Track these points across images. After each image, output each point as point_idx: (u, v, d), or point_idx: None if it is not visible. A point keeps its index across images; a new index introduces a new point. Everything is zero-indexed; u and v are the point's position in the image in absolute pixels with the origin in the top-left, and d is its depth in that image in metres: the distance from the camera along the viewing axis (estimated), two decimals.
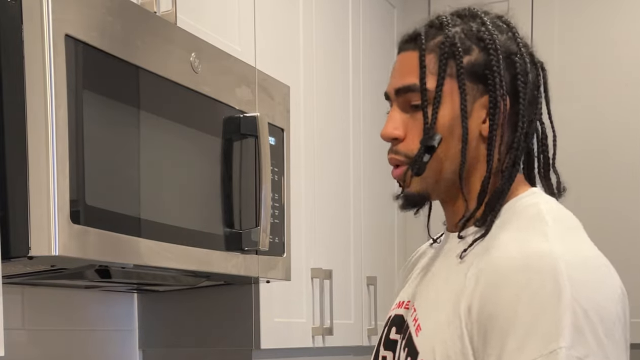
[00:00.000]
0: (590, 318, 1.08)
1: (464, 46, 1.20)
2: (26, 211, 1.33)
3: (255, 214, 1.86)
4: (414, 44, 1.23)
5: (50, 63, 1.32)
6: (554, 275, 1.09)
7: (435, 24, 1.23)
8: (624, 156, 2.88)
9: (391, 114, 1.26)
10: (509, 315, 1.09)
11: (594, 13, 2.93)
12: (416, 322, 1.23)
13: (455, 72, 1.20)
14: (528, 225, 1.18)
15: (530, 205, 1.22)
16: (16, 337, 1.83)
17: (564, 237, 1.15)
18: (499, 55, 1.21)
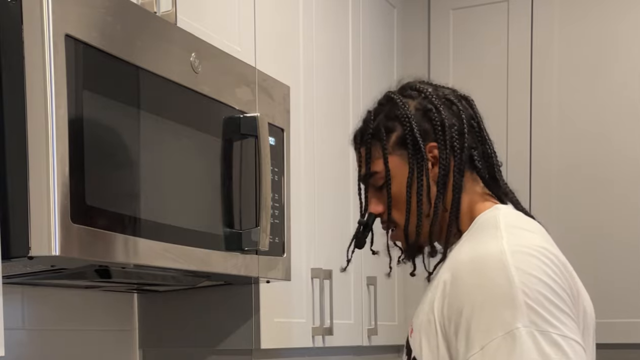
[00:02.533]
0: (541, 297, 1.26)
1: (386, 127, 1.47)
2: (26, 211, 1.33)
3: (255, 214, 1.86)
4: (355, 143, 1.55)
5: (50, 63, 1.32)
6: (502, 267, 1.28)
7: (365, 121, 1.52)
8: (625, 155, 2.88)
9: (369, 196, 1.54)
10: (471, 307, 1.28)
11: (593, 13, 2.93)
12: (412, 331, 1.44)
13: (382, 152, 1.47)
14: (483, 234, 1.38)
15: (488, 218, 1.42)
16: (16, 337, 1.83)
17: (511, 237, 1.34)
18: (411, 122, 1.45)
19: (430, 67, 3.12)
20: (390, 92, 1.52)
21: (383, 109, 1.50)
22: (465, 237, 1.42)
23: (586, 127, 2.92)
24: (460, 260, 1.35)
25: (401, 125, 1.45)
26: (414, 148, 1.44)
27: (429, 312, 1.37)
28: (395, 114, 1.46)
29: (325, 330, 2.44)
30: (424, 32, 3.15)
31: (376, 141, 1.47)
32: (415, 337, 1.40)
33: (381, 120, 1.48)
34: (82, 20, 1.39)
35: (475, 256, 1.33)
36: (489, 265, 1.30)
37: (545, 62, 2.97)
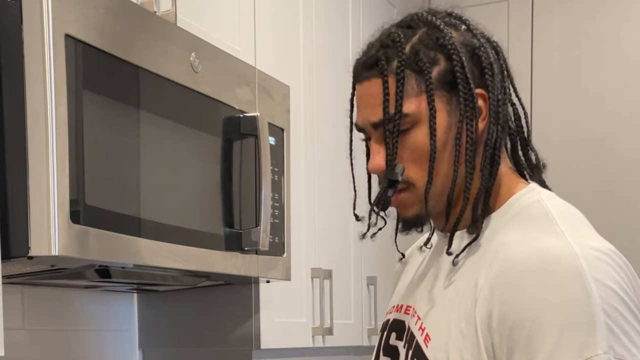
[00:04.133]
0: (619, 316, 1.05)
1: (427, 58, 1.15)
2: (26, 211, 1.33)
3: (255, 214, 1.86)
4: (373, 72, 1.18)
5: (50, 63, 1.32)
6: (578, 277, 1.05)
7: (387, 44, 1.17)
8: (626, 155, 2.88)
9: (373, 146, 1.20)
10: (538, 325, 1.05)
11: (593, 13, 2.93)
12: (423, 332, 1.18)
13: (425, 87, 1.15)
14: (535, 225, 1.14)
15: (532, 203, 1.18)
16: (16, 337, 1.83)
17: (575, 234, 1.12)
18: (461, 57, 1.15)
19: None
20: (422, 13, 1.19)
21: (415, 33, 1.17)
22: (504, 223, 1.17)
23: (586, 127, 2.92)
24: (514, 259, 1.10)
25: (446, 57, 1.15)
26: (465, 90, 1.14)
27: (461, 322, 1.13)
28: (438, 41, 1.15)
29: (325, 330, 2.44)
30: None
31: (414, 72, 1.14)
32: (438, 349, 1.15)
33: (418, 46, 1.15)
34: (82, 20, 1.39)
35: (537, 256, 1.08)
36: (561, 272, 1.06)
37: (545, 62, 2.97)
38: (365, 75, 1.20)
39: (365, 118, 1.19)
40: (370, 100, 1.18)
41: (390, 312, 1.33)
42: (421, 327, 1.19)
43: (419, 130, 1.16)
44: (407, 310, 1.27)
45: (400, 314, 1.29)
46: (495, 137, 1.17)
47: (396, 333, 1.28)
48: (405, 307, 1.28)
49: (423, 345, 1.17)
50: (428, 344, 1.17)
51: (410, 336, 1.22)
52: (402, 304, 1.30)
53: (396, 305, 1.32)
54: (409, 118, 1.15)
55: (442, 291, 1.20)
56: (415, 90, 1.15)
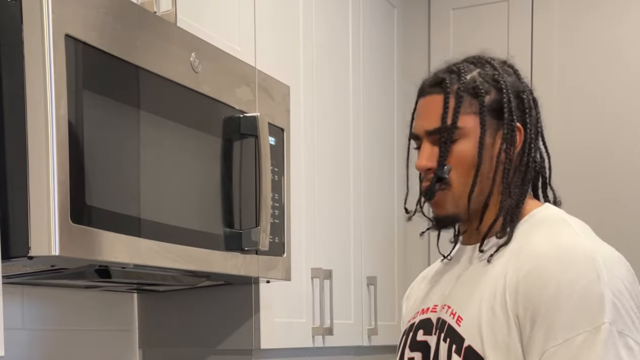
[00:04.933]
0: (623, 300, 1.29)
1: (484, 87, 1.41)
2: (26, 211, 1.33)
3: (255, 214, 1.86)
4: (438, 89, 1.43)
5: (50, 63, 1.32)
6: (591, 263, 1.30)
7: (454, 71, 1.43)
8: (626, 155, 2.88)
9: (423, 148, 1.44)
10: (555, 297, 1.28)
11: (593, 13, 2.93)
12: (454, 315, 1.41)
13: (478, 109, 1.40)
14: (555, 228, 1.39)
15: (552, 214, 1.43)
16: (16, 337, 1.83)
17: (588, 237, 1.38)
18: (509, 94, 1.41)
19: (430, 67, 3.10)
20: (484, 56, 1.48)
21: (475, 68, 1.44)
22: (527, 228, 1.41)
23: (586, 127, 2.92)
24: (540, 251, 1.34)
25: (498, 91, 1.42)
26: (509, 119, 1.41)
27: (492, 300, 1.35)
28: (493, 77, 1.42)
29: (325, 330, 2.44)
30: (424, 32, 3.15)
31: (471, 97, 1.41)
32: (471, 325, 1.37)
33: (477, 77, 1.42)
34: (82, 20, 1.39)
35: (559, 248, 1.33)
36: (578, 259, 1.31)
37: (545, 62, 2.97)
38: (429, 91, 1.45)
39: (422, 126, 1.44)
40: (429, 112, 1.43)
41: (415, 316, 1.53)
42: (452, 313, 1.42)
43: (465, 142, 1.40)
44: (434, 309, 1.48)
45: (427, 314, 1.49)
46: (527, 162, 1.43)
47: (424, 330, 1.48)
48: (432, 306, 1.49)
49: (455, 325, 1.40)
50: (460, 323, 1.39)
51: (442, 323, 1.43)
52: (428, 306, 1.50)
53: (423, 309, 1.51)
54: (460, 131, 1.40)
55: (469, 284, 1.42)
56: (469, 110, 1.40)
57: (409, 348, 1.50)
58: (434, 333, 1.45)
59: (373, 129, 2.85)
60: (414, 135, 1.47)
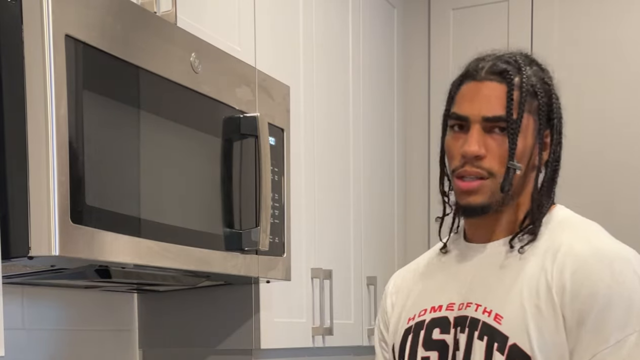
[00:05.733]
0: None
1: (538, 88, 1.44)
2: (26, 211, 1.33)
3: (255, 214, 1.86)
4: (500, 78, 1.41)
5: (50, 63, 1.32)
6: (629, 265, 1.36)
7: (511, 63, 1.43)
8: (626, 155, 2.88)
9: (474, 135, 1.41)
10: (606, 299, 1.32)
11: (593, 13, 2.93)
12: (489, 313, 1.40)
13: (536, 109, 1.43)
14: (582, 229, 1.43)
15: (571, 215, 1.48)
16: (16, 337, 1.83)
17: (611, 238, 1.42)
18: (558, 100, 1.49)
19: (430, 67, 3.12)
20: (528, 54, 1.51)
21: (530, 65, 1.47)
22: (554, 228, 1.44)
23: (587, 127, 2.91)
24: (579, 251, 1.37)
25: (547, 95, 1.47)
26: (558, 125, 1.48)
27: (535, 298, 1.36)
28: (543, 79, 1.47)
29: (325, 330, 2.44)
30: (424, 32, 3.15)
31: (530, 95, 1.43)
32: (515, 323, 1.37)
33: (533, 78, 1.45)
34: (82, 20, 1.39)
35: (597, 249, 1.37)
36: (617, 260, 1.36)
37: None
38: (487, 77, 1.42)
39: (478, 110, 1.41)
40: (489, 99, 1.41)
41: (421, 315, 1.50)
42: (486, 311, 1.40)
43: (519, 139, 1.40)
44: (449, 307, 1.46)
45: (441, 312, 1.47)
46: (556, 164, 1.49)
47: (440, 328, 1.46)
48: (447, 304, 1.47)
49: (494, 323, 1.39)
50: (501, 321, 1.38)
51: (472, 321, 1.42)
52: (438, 304, 1.48)
53: (426, 308, 1.49)
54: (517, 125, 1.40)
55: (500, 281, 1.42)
56: (526, 107, 1.41)
57: (423, 347, 1.48)
58: (460, 331, 1.43)
59: (373, 129, 2.85)
60: (460, 116, 1.43)
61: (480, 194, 1.42)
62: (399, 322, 1.55)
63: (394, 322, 1.56)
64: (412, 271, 1.61)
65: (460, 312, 1.44)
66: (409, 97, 3.11)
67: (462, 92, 1.45)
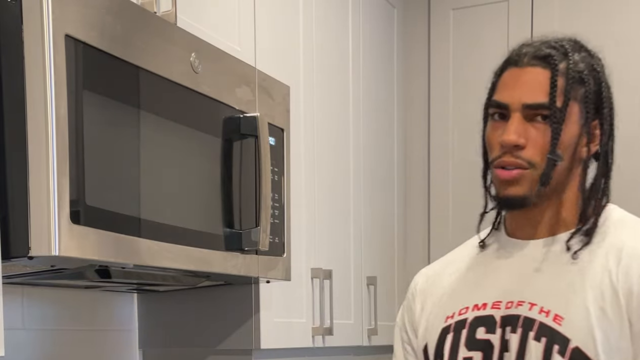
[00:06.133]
0: None
1: (587, 75, 1.36)
2: (26, 211, 1.33)
3: (255, 214, 1.86)
4: (543, 63, 1.34)
5: (50, 63, 1.32)
6: None
7: (557, 48, 1.37)
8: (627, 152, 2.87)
9: (513, 123, 1.34)
10: None
11: (593, 13, 2.93)
12: (547, 313, 1.33)
13: (583, 97, 1.35)
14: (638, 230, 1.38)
15: (626, 215, 1.44)
16: (16, 337, 1.83)
17: None
18: (608, 88, 1.40)
19: (430, 67, 3.12)
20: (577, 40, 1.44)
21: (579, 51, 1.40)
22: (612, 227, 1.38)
23: None
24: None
25: (596, 83, 1.39)
26: (608, 113, 1.41)
27: (600, 300, 1.30)
28: (592, 66, 1.39)
29: (325, 330, 2.44)
30: (424, 32, 3.15)
31: (577, 82, 1.35)
32: (579, 326, 1.31)
33: (581, 64, 1.37)
34: (82, 20, 1.39)
35: None
36: None
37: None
38: (532, 63, 1.35)
39: (519, 98, 1.34)
40: (531, 85, 1.34)
41: (462, 313, 1.42)
42: (543, 311, 1.33)
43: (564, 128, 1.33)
44: (495, 305, 1.39)
45: (485, 310, 1.40)
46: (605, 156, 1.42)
47: (486, 327, 1.39)
48: (492, 302, 1.40)
49: (553, 324, 1.32)
50: (561, 322, 1.32)
51: (526, 321, 1.34)
52: (482, 302, 1.41)
53: (468, 306, 1.42)
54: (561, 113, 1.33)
55: (558, 280, 1.35)
56: (572, 95, 1.34)
57: (466, 347, 1.39)
58: (511, 331, 1.36)
59: (373, 129, 2.85)
60: (500, 104, 1.36)
61: (520, 184, 1.34)
62: (433, 321, 1.46)
63: (426, 322, 1.48)
64: (444, 268, 1.53)
65: (508, 311, 1.37)
66: (409, 97, 3.11)
67: (503, 79, 1.38)
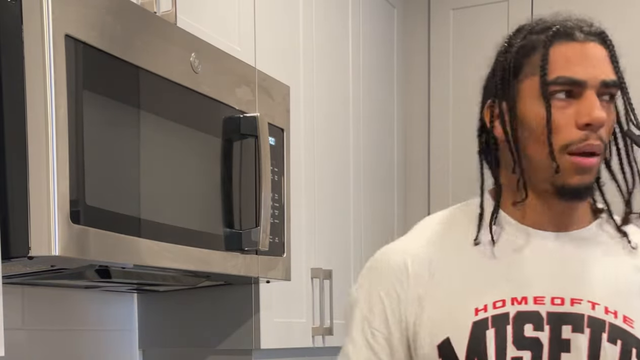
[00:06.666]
0: None
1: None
2: (26, 211, 1.33)
3: (255, 214, 1.86)
4: (599, 39, 1.30)
5: (50, 63, 1.32)
6: None
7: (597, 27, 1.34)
8: None
9: (595, 101, 1.24)
10: None
11: (593, 13, 2.92)
12: (616, 315, 1.24)
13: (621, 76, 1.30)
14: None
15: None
16: (16, 337, 1.83)
17: None
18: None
19: (430, 67, 3.12)
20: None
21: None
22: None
23: None
24: None
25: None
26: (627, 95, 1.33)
27: None
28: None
29: (325, 330, 2.44)
30: (424, 32, 3.15)
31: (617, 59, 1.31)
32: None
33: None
34: (82, 20, 1.39)
35: None
36: None
37: None
38: (590, 39, 1.29)
39: (594, 74, 1.26)
40: (600, 62, 1.28)
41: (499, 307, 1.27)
42: (609, 311, 1.24)
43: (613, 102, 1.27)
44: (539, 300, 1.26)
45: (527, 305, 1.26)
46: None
47: (533, 324, 1.25)
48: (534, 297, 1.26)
49: (625, 326, 1.23)
50: (633, 324, 1.23)
51: (594, 321, 1.24)
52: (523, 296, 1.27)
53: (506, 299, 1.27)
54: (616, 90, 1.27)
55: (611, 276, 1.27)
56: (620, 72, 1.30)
57: (514, 345, 1.24)
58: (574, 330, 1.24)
59: (373, 129, 2.85)
60: (575, 80, 1.24)
61: (594, 172, 1.25)
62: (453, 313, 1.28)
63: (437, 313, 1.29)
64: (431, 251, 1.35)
65: (560, 308, 1.25)
66: (409, 97, 3.11)
67: (561, 53, 1.26)
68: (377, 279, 1.40)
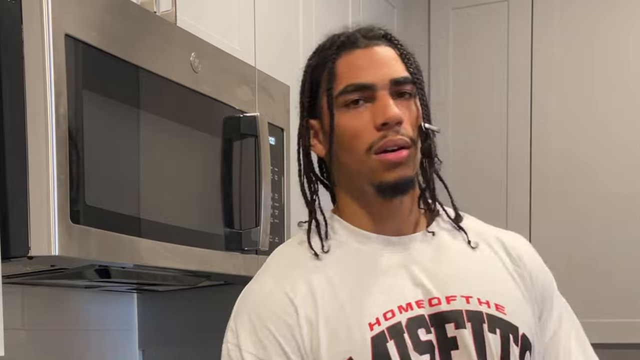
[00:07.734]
0: None
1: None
2: (26, 211, 1.33)
3: (255, 214, 1.86)
4: (385, 41, 1.33)
5: (50, 63, 1.32)
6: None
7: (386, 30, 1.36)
8: (625, 155, 2.88)
9: (388, 100, 1.27)
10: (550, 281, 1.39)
11: (594, 13, 2.93)
12: (488, 304, 1.29)
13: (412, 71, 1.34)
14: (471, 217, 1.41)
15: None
16: (16, 337, 1.83)
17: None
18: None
19: (430, 67, 3.12)
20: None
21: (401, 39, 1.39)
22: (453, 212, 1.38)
23: (586, 127, 2.92)
24: (520, 239, 1.41)
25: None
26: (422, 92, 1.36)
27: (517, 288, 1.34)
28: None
29: None
30: (424, 32, 3.15)
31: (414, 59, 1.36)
32: (518, 312, 1.30)
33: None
34: (82, 20, 1.39)
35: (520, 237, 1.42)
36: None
37: (545, 62, 2.97)
38: (376, 42, 1.32)
39: (383, 75, 1.28)
40: (389, 61, 1.31)
41: (389, 318, 1.28)
42: (481, 302, 1.29)
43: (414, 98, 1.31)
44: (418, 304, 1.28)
45: (413, 311, 1.28)
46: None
47: (425, 329, 1.27)
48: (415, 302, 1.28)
49: (500, 314, 1.29)
50: (506, 311, 1.29)
51: (473, 315, 1.27)
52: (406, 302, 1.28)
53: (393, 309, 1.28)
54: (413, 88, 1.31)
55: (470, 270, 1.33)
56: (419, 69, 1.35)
57: (416, 351, 1.25)
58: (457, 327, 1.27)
59: None
60: (363, 85, 1.27)
61: (409, 165, 1.28)
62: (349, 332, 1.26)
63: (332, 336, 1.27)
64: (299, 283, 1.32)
65: (438, 308, 1.27)
66: None
67: (347, 63, 1.30)
68: (260, 315, 1.38)
